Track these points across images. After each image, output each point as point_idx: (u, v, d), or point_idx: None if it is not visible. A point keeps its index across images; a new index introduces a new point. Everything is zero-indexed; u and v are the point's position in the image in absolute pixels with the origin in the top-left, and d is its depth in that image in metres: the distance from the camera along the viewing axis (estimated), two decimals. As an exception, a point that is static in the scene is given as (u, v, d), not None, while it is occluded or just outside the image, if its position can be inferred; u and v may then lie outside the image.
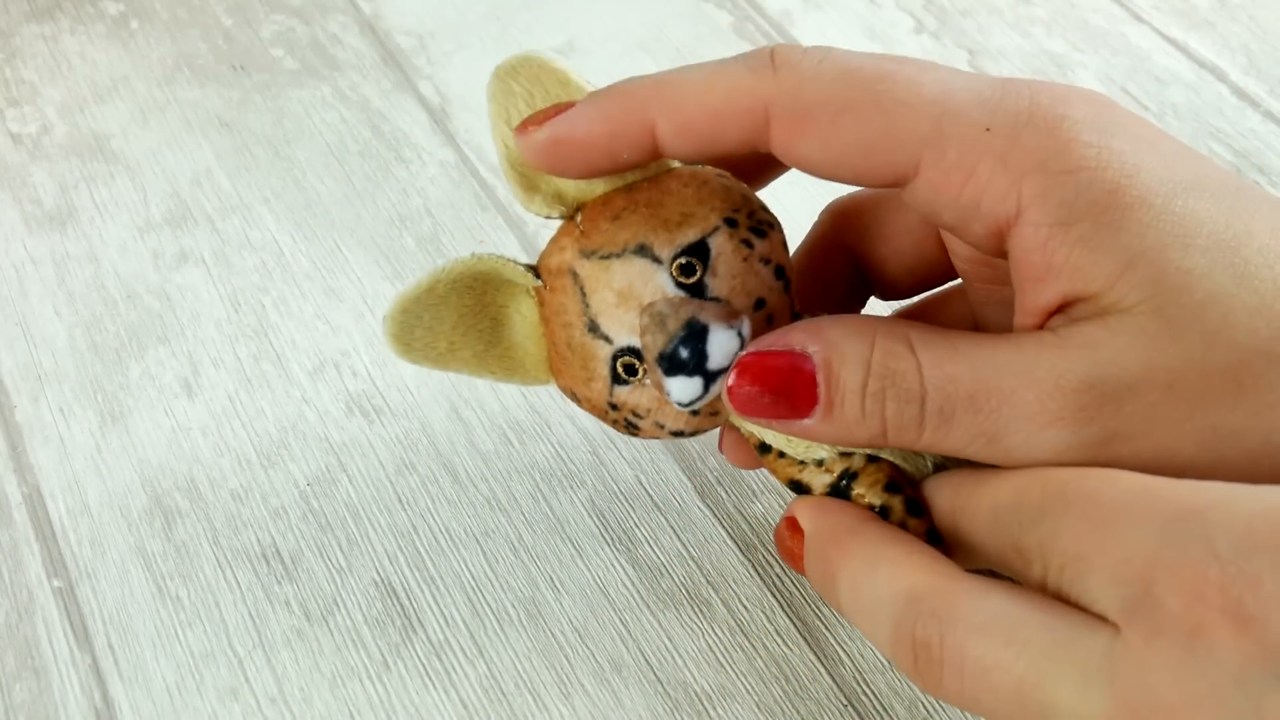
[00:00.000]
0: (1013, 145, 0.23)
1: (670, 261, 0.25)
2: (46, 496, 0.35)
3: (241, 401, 0.37)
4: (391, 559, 0.33)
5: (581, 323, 0.25)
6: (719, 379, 0.24)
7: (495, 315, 0.27)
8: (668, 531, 0.33)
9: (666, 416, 0.26)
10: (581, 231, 0.26)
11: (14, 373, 0.38)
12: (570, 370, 0.26)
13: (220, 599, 0.33)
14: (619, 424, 0.27)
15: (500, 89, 0.26)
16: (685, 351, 0.24)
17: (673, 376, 0.24)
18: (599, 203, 0.26)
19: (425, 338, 0.27)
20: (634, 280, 0.25)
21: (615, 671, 0.31)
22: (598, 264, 0.25)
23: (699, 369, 0.24)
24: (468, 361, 0.27)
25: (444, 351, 0.27)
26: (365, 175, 0.43)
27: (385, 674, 0.31)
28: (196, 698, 0.31)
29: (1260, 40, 0.46)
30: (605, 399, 0.26)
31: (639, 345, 0.25)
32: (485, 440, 0.36)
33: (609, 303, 0.25)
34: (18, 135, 0.45)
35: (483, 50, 0.48)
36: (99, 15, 0.50)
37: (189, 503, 0.35)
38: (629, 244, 0.25)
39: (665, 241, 0.25)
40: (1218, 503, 0.20)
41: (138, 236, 0.42)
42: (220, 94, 0.47)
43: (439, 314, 0.26)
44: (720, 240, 0.25)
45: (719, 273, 0.25)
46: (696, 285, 0.25)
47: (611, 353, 0.25)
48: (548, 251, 0.27)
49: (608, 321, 0.25)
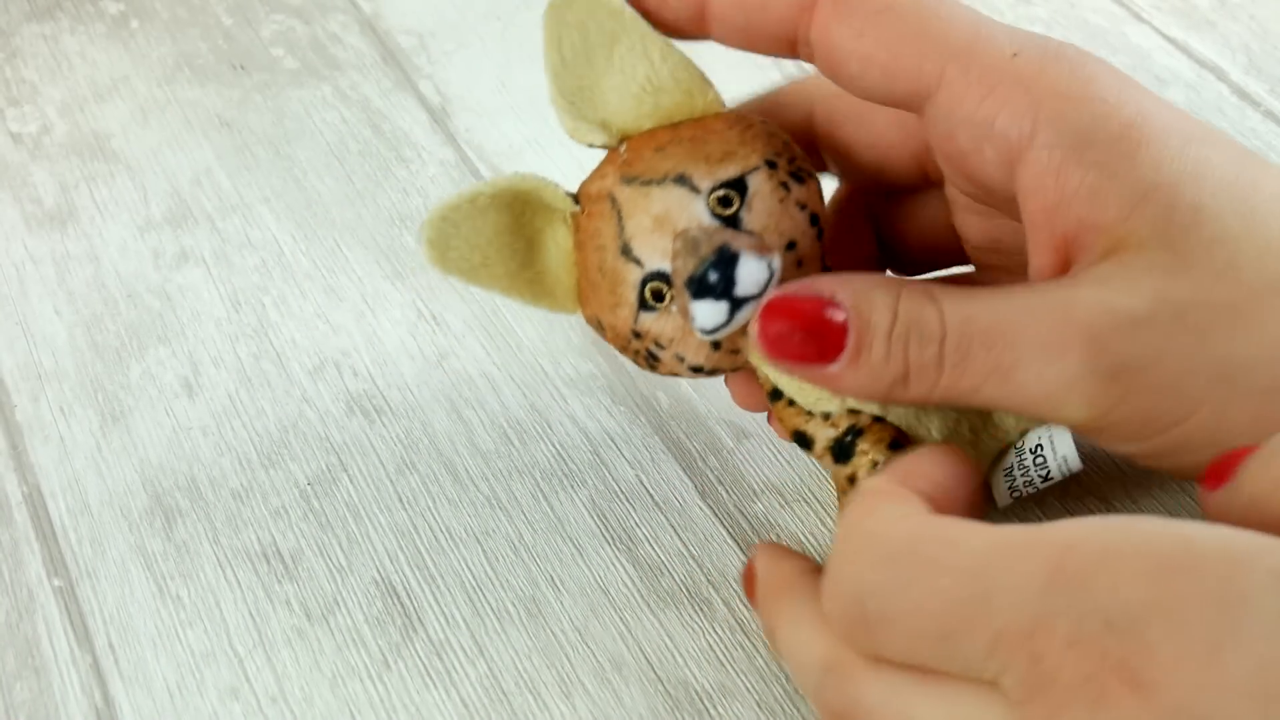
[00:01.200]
0: (1036, 72, 0.24)
1: (709, 192, 0.25)
2: (47, 496, 0.35)
3: (242, 401, 0.37)
4: (392, 558, 0.33)
5: (615, 246, 0.26)
6: (745, 307, 0.24)
7: (531, 238, 0.28)
8: (668, 531, 0.33)
9: (688, 348, 0.26)
10: (624, 160, 0.26)
11: (14, 372, 0.38)
12: (598, 296, 0.27)
13: (221, 598, 0.33)
14: (640, 355, 0.27)
15: (554, 18, 0.26)
16: (714, 275, 0.24)
17: (700, 299, 0.24)
18: (644, 135, 0.27)
19: (461, 249, 0.27)
20: (671, 207, 0.25)
21: (616, 670, 0.31)
22: (637, 189, 0.26)
23: (726, 293, 0.24)
24: (499, 279, 0.28)
25: (478, 264, 0.27)
26: (365, 175, 0.43)
27: (386, 673, 0.31)
28: (197, 697, 0.31)
29: (1261, 39, 0.46)
30: (630, 326, 0.26)
31: (669, 270, 0.25)
32: (486, 440, 0.36)
33: (644, 227, 0.26)
34: (18, 135, 0.45)
35: (483, 50, 0.48)
36: (99, 15, 0.50)
37: (189, 502, 0.35)
38: (670, 173, 0.26)
39: (705, 174, 0.26)
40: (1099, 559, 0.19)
41: (138, 236, 0.42)
42: (220, 93, 0.47)
43: (477, 226, 0.27)
44: (759, 179, 0.26)
45: (755, 209, 0.25)
46: (732, 218, 0.25)
47: (641, 276, 0.26)
48: (589, 179, 0.27)
49: (641, 245, 0.26)
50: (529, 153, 0.44)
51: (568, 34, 0.26)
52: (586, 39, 0.26)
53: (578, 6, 0.26)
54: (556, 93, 0.27)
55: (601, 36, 0.26)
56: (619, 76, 0.27)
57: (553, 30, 0.26)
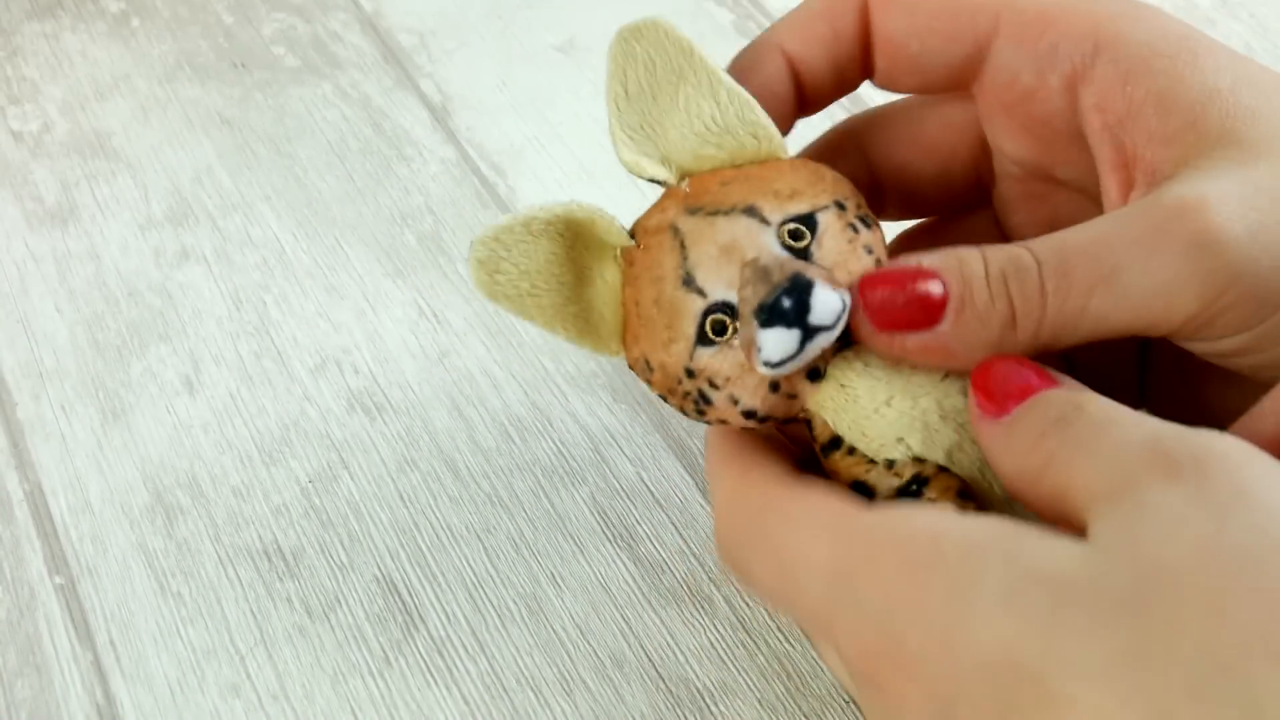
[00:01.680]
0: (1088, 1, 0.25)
1: (779, 225, 0.25)
2: (48, 493, 0.35)
3: (243, 398, 0.37)
4: (393, 555, 0.33)
5: (676, 276, 0.25)
6: (816, 339, 0.23)
7: (579, 272, 0.27)
8: (669, 528, 0.33)
9: (744, 389, 0.25)
10: (688, 194, 0.26)
11: (15, 370, 0.38)
12: (650, 332, 0.26)
13: (222, 596, 0.33)
14: (689, 398, 0.26)
15: (622, 50, 0.26)
16: (788, 301, 0.23)
17: (770, 328, 0.23)
18: (708, 174, 0.26)
19: (511, 273, 0.26)
20: (739, 236, 0.25)
21: (617, 668, 0.31)
22: (703, 219, 0.25)
23: (799, 320, 0.23)
24: (544, 310, 0.26)
25: (525, 292, 0.26)
26: (366, 173, 0.43)
27: (387, 670, 0.31)
28: (198, 694, 0.31)
29: (1261, 38, 0.46)
30: (684, 363, 0.25)
31: (734, 300, 0.24)
32: (486, 437, 0.36)
33: (709, 255, 0.25)
34: (19, 133, 0.45)
35: (484, 48, 0.48)
36: (100, 13, 0.50)
37: (190, 500, 0.35)
38: (738, 204, 0.25)
39: (775, 208, 0.25)
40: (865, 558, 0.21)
41: (139, 234, 0.42)
42: (221, 92, 0.47)
43: (528, 252, 0.26)
44: (829, 217, 0.25)
45: (825, 246, 0.25)
46: (803, 252, 0.25)
47: (703, 308, 0.25)
48: (646, 215, 0.26)
49: (705, 274, 0.25)
50: (529, 150, 0.44)
51: (634, 67, 0.26)
52: (653, 74, 0.26)
53: (647, 40, 0.25)
54: (617, 126, 0.26)
55: (668, 73, 0.26)
56: (683, 115, 0.26)
57: (619, 62, 0.26)
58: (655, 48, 0.25)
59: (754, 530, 0.24)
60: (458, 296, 0.39)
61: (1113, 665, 0.18)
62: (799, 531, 0.23)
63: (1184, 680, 0.17)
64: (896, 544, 0.21)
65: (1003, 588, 0.19)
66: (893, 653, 0.20)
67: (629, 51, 0.25)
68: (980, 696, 0.19)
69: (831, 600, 0.22)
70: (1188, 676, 0.17)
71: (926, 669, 0.20)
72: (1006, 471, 0.23)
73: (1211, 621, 0.18)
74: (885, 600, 0.20)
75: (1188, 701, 0.17)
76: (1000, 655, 0.19)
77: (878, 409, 0.25)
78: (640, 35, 0.25)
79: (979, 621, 0.19)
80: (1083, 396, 0.23)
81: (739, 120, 0.26)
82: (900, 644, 0.20)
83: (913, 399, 0.25)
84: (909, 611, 0.20)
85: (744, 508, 0.24)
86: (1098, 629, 0.18)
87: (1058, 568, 0.19)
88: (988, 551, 0.20)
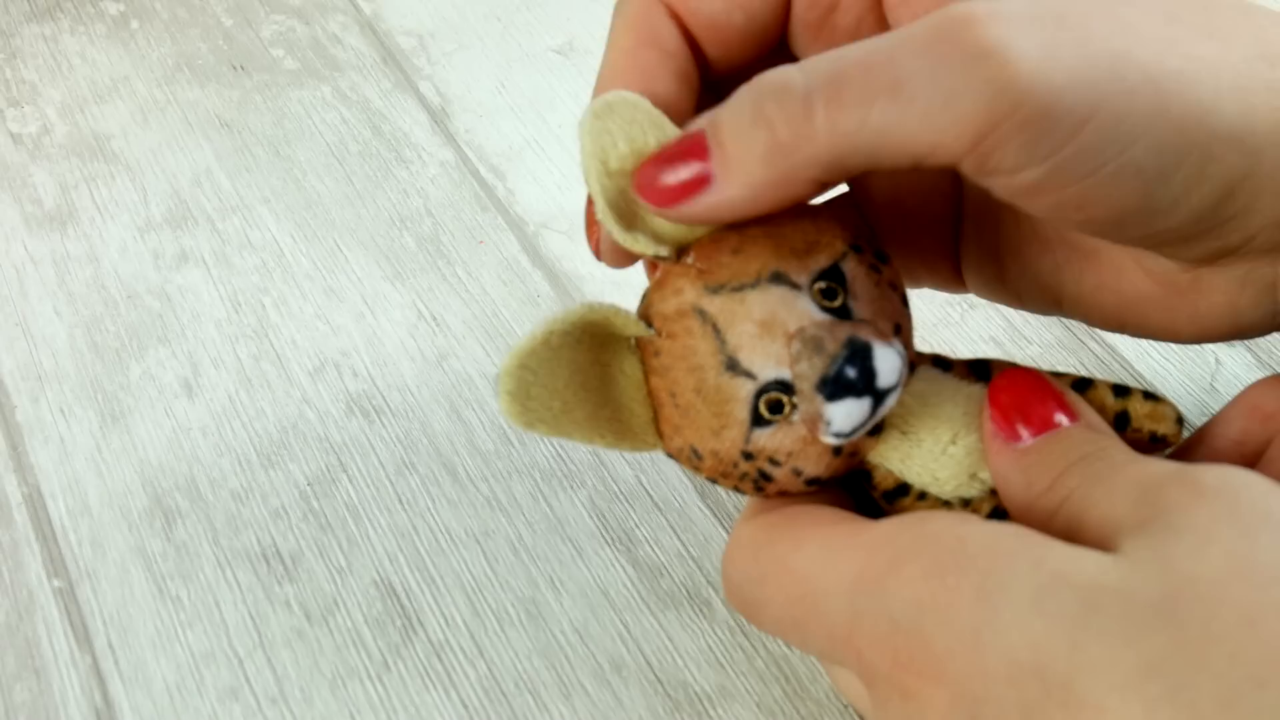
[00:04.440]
0: None
1: (810, 286, 0.23)
2: (47, 496, 0.35)
3: (242, 401, 0.37)
4: (392, 559, 0.33)
5: (716, 363, 0.24)
6: (886, 400, 0.22)
7: (603, 373, 0.25)
8: (668, 531, 0.33)
9: (808, 460, 0.24)
10: (700, 270, 0.24)
11: (14, 373, 0.38)
12: (694, 422, 0.24)
13: (220, 599, 0.33)
14: (747, 478, 0.25)
15: (596, 128, 0.24)
16: (853, 371, 0.22)
17: (838, 400, 0.22)
18: (709, 242, 0.25)
19: (541, 396, 0.24)
20: (776, 309, 0.23)
21: (615, 672, 0.31)
22: (730, 297, 0.24)
23: (869, 388, 0.22)
24: (580, 424, 0.25)
25: (559, 412, 0.25)
26: (365, 175, 0.43)
27: (385, 674, 0.31)
28: (197, 698, 0.31)
29: (1260, 40, 0.46)
30: (739, 448, 0.24)
31: (788, 377, 0.23)
32: (485, 440, 0.36)
33: (750, 334, 0.23)
34: (18, 135, 0.45)
35: (483, 50, 0.48)
36: (99, 15, 0.50)
37: (189, 503, 0.35)
38: (762, 273, 0.24)
39: (799, 268, 0.24)
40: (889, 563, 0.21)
41: (138, 237, 0.42)
42: (220, 94, 0.47)
43: (553, 369, 0.24)
44: (851, 264, 0.24)
45: (859, 296, 0.24)
46: (842, 309, 0.23)
47: (755, 389, 0.23)
48: (658, 297, 0.25)
49: (750, 355, 0.23)
50: (528, 153, 0.44)
51: (610, 144, 0.24)
52: (633, 147, 0.24)
53: (619, 114, 0.24)
54: (604, 204, 0.25)
55: (645, 145, 0.24)
56: None
57: (595, 139, 0.24)
58: (627, 121, 0.24)
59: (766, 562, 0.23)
60: (456, 299, 0.39)
61: (1142, 673, 0.18)
62: (816, 553, 0.22)
63: (1214, 691, 0.17)
64: (921, 546, 0.21)
65: (1031, 590, 0.19)
66: (920, 656, 0.20)
67: (604, 129, 0.24)
68: (1007, 700, 0.19)
69: (855, 612, 0.21)
70: (1218, 688, 0.17)
71: (954, 670, 0.20)
72: (1016, 499, 0.23)
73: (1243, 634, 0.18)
74: (913, 602, 0.20)
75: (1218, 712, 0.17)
76: (1028, 658, 0.19)
77: (944, 449, 0.24)
78: (611, 111, 0.24)
79: (1008, 623, 0.19)
80: (1106, 440, 0.22)
81: None
82: (928, 646, 0.20)
83: (977, 432, 0.24)
84: (937, 614, 0.20)
85: (753, 542, 0.24)
86: (1128, 636, 0.18)
87: (1088, 574, 0.19)
88: (1016, 553, 0.20)
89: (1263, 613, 0.18)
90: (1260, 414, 0.25)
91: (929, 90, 0.20)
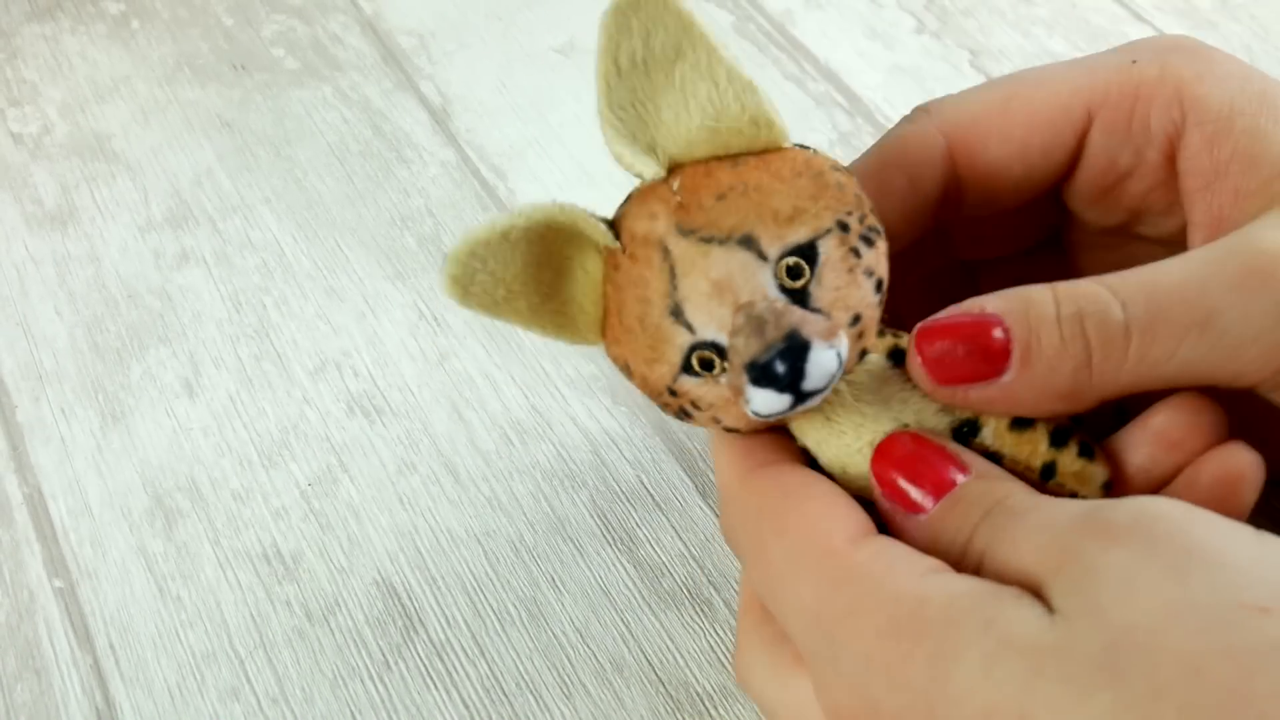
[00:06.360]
0: (1163, 67, 0.25)
1: (777, 260, 0.23)
2: (48, 497, 0.35)
3: (242, 401, 0.37)
4: (393, 559, 0.33)
5: (664, 303, 0.24)
6: (807, 402, 0.22)
7: (558, 268, 0.25)
8: (669, 531, 0.33)
9: (727, 415, 0.24)
10: (680, 203, 0.24)
11: (15, 373, 0.38)
12: (633, 345, 0.24)
13: (221, 599, 0.33)
14: (668, 408, 0.25)
15: (616, 21, 0.23)
16: (781, 366, 0.22)
17: (760, 388, 0.22)
18: (701, 172, 0.24)
19: (486, 283, 0.24)
20: (734, 273, 0.23)
21: (617, 672, 0.31)
22: (696, 246, 0.23)
23: (792, 387, 0.22)
24: (520, 312, 0.25)
25: (500, 299, 0.24)
26: (366, 175, 0.43)
27: (386, 674, 0.31)
28: (198, 698, 0.31)
29: (1262, 40, 0.46)
30: (666, 384, 0.24)
31: (724, 343, 0.23)
32: (486, 440, 0.36)
33: (701, 291, 0.23)
34: (19, 135, 0.45)
35: (484, 50, 0.48)
36: (100, 15, 0.50)
37: (190, 503, 0.35)
38: (734, 231, 0.23)
39: (774, 237, 0.23)
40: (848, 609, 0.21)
41: (139, 236, 0.42)
42: (221, 94, 0.46)
43: (505, 260, 0.24)
44: (830, 244, 0.24)
45: (824, 281, 0.23)
46: (801, 292, 0.23)
47: (691, 343, 0.23)
48: (633, 212, 0.24)
49: (695, 311, 0.23)
50: (530, 153, 0.44)
51: (627, 41, 0.23)
52: (649, 48, 0.23)
53: (645, 11, 0.23)
54: (605, 105, 0.24)
55: (665, 48, 0.24)
56: (678, 94, 0.24)
57: (611, 35, 0.23)
58: (653, 20, 0.23)
59: (750, 535, 0.23)
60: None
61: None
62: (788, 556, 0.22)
63: None
64: (880, 603, 0.20)
65: (980, 656, 0.19)
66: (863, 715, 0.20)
67: (624, 24, 0.23)
68: None
69: (810, 647, 0.21)
70: None
71: None
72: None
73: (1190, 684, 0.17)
74: (864, 663, 0.20)
75: None
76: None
77: (860, 449, 0.24)
78: (637, 6, 0.23)
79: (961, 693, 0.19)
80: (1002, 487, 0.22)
81: (738, 104, 0.24)
82: (875, 709, 0.20)
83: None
84: (887, 677, 0.20)
85: (742, 509, 0.24)
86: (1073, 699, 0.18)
87: (1030, 636, 0.19)
88: (969, 615, 0.19)
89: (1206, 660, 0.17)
90: (1166, 441, 0.24)
91: (1240, 327, 0.22)
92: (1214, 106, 0.25)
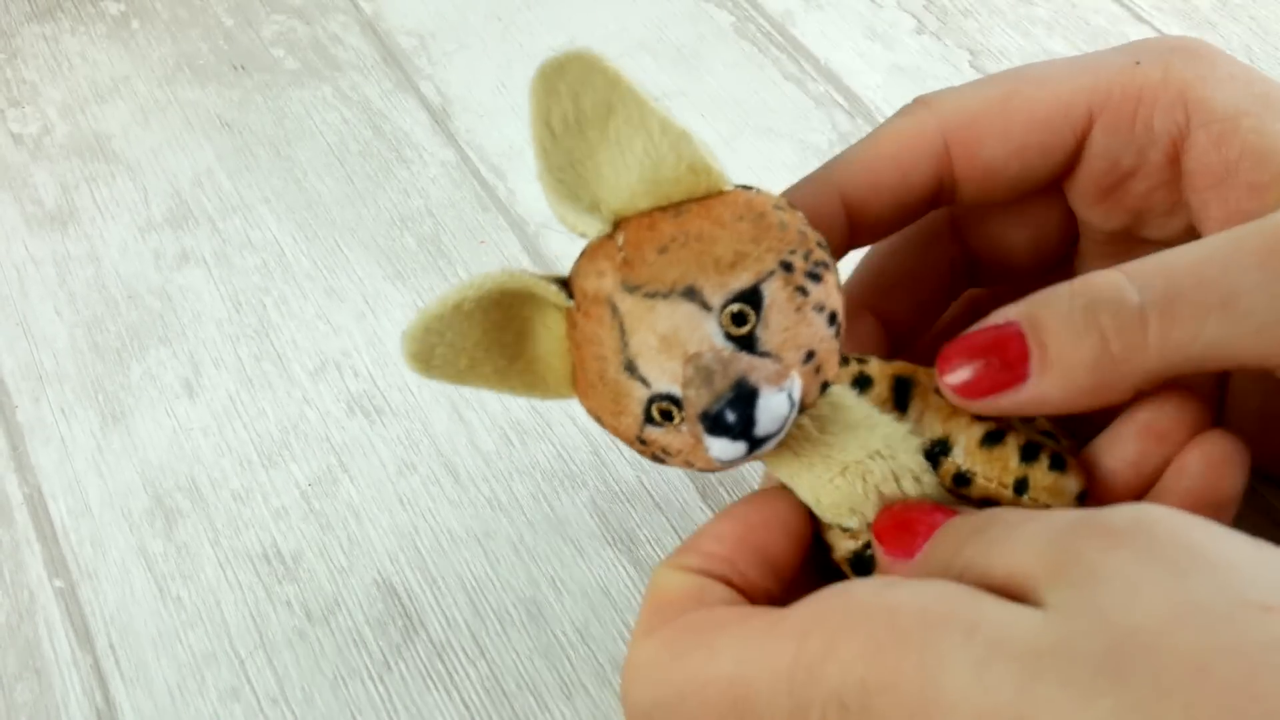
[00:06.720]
0: (1166, 69, 0.25)
1: (721, 309, 0.23)
2: (48, 497, 0.35)
3: (243, 402, 0.37)
4: (393, 559, 0.33)
5: (618, 360, 0.24)
6: (763, 446, 0.23)
7: (520, 329, 0.25)
8: (669, 532, 0.33)
9: (698, 459, 0.24)
10: (624, 260, 0.24)
11: (15, 373, 0.38)
12: (599, 399, 0.25)
13: (221, 599, 0.33)
14: (643, 454, 0.25)
15: (543, 87, 0.23)
16: (732, 416, 0.22)
17: (716, 437, 0.22)
18: (644, 225, 0.24)
19: (446, 355, 0.24)
20: (680, 326, 0.23)
21: (617, 672, 0.31)
22: (641, 302, 0.24)
23: (744, 434, 0.22)
24: (488, 378, 0.25)
25: (464, 369, 0.25)
26: (366, 175, 0.43)
27: (386, 674, 0.31)
28: (198, 698, 0.31)
29: (1261, 40, 0.46)
30: (634, 434, 0.25)
31: (679, 395, 0.23)
32: (486, 440, 0.36)
33: (650, 346, 0.23)
34: (19, 135, 0.45)
35: (484, 50, 0.48)
36: (100, 15, 0.50)
37: (190, 503, 0.35)
38: (677, 284, 0.23)
39: (717, 286, 0.23)
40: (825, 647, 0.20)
41: (139, 236, 0.42)
42: (221, 94, 0.46)
43: (463, 330, 0.24)
44: (775, 287, 0.23)
45: (771, 324, 0.23)
46: (747, 337, 0.23)
47: (648, 396, 0.24)
48: (582, 270, 0.25)
49: (647, 365, 0.23)
50: (529, 153, 0.43)
51: (557, 105, 0.23)
52: (579, 109, 0.24)
53: (571, 75, 0.23)
54: (544, 169, 0.24)
55: (596, 107, 0.24)
56: (614, 150, 0.24)
57: (541, 100, 0.23)
58: (580, 81, 0.23)
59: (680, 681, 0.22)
60: (457, 299, 0.39)
61: None
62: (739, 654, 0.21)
63: None
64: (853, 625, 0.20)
65: (970, 663, 0.18)
66: None
67: (552, 88, 0.23)
68: None
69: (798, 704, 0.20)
70: None
71: None
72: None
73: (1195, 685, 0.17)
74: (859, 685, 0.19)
75: None
76: None
77: (832, 479, 0.24)
78: (563, 71, 0.23)
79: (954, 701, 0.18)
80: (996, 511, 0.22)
81: (674, 154, 0.24)
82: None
83: (864, 474, 0.24)
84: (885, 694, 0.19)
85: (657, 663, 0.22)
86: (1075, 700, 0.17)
87: (1022, 638, 0.18)
88: (947, 620, 0.19)
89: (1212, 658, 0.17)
90: (1154, 434, 0.23)
91: (1266, 306, 0.21)
92: (1219, 108, 0.25)
